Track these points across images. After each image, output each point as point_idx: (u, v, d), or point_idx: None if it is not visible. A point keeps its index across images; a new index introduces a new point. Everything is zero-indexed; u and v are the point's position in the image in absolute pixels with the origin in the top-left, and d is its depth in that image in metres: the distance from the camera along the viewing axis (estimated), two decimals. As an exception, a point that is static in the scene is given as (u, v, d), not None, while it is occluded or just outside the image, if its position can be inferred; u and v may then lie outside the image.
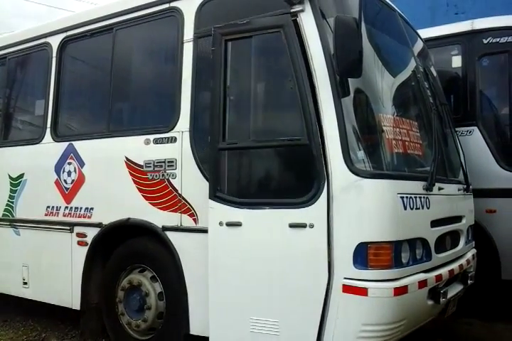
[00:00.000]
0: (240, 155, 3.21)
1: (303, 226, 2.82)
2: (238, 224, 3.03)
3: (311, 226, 2.80)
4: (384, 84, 3.30)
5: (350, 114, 2.89)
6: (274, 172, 3.11)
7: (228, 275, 3.07)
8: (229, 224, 3.05)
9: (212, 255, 3.12)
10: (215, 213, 3.12)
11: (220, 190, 3.12)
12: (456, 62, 4.95)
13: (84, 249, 3.94)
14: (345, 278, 2.73)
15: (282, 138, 3.00)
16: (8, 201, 4.56)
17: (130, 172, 3.70)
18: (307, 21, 2.96)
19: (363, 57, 2.77)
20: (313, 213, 2.80)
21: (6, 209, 4.58)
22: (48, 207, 4.22)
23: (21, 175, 4.47)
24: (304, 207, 2.83)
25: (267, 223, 2.96)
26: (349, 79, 2.87)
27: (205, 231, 3.25)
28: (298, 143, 2.92)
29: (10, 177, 4.56)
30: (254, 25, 3.09)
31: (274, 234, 2.92)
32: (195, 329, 3.31)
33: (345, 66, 2.78)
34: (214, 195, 3.12)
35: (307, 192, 2.84)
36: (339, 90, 2.85)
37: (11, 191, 4.54)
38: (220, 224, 3.08)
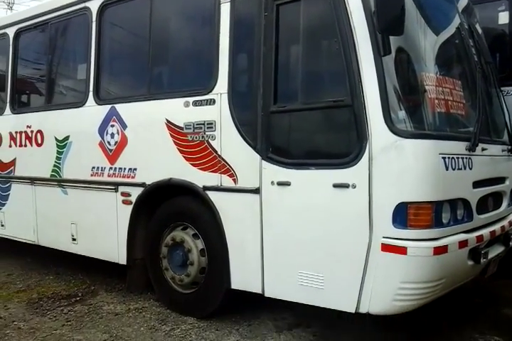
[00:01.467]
0: (289, 117, 3.25)
1: (346, 186, 2.88)
2: (287, 184, 3.12)
3: (354, 186, 2.85)
4: (426, 42, 3.21)
5: (391, 73, 2.85)
6: (320, 134, 3.14)
7: (279, 232, 3.20)
8: (279, 184, 3.16)
9: (265, 212, 3.25)
10: (267, 173, 3.22)
11: (272, 151, 3.20)
12: (503, 18, 4.71)
13: (129, 208, 4.11)
14: (384, 237, 2.79)
15: (327, 99, 3.02)
16: (56, 162, 4.74)
17: (171, 134, 3.79)
18: None
19: (405, 13, 2.71)
20: (356, 173, 2.84)
21: (53, 170, 4.77)
22: (93, 167, 4.38)
23: (67, 138, 4.64)
24: (346, 168, 2.88)
25: (312, 183, 3.04)
26: (390, 37, 2.81)
27: (244, 190, 3.37)
28: (341, 104, 2.93)
29: (56, 139, 4.73)
30: None
31: (320, 194, 3.00)
32: (235, 284, 3.46)
33: (386, 23, 2.72)
34: (266, 156, 3.22)
35: (350, 153, 2.88)
36: (380, 48, 2.80)
37: (58, 153, 4.72)
38: (272, 183, 3.19)
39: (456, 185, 2.98)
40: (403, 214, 2.75)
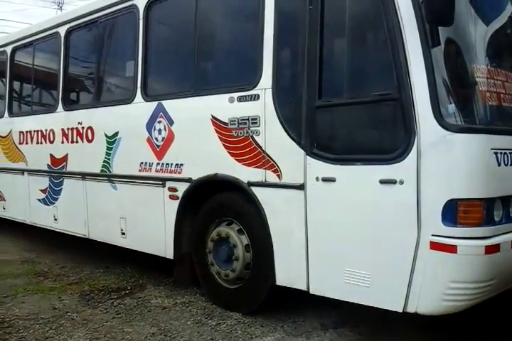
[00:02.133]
0: (335, 112, 3.20)
1: (393, 182, 2.81)
2: (332, 180, 3.09)
3: (401, 182, 2.78)
4: (477, 33, 3.08)
5: (440, 65, 2.76)
6: (367, 128, 3.07)
7: (325, 228, 3.17)
8: (324, 180, 3.13)
9: (309, 209, 3.22)
10: (311, 169, 3.20)
11: (316, 146, 3.17)
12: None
13: (176, 203, 4.17)
14: (433, 235, 2.71)
15: (374, 93, 2.95)
16: (105, 158, 4.88)
17: (216, 130, 3.81)
18: None
19: (454, 3, 2.60)
20: (403, 169, 2.77)
21: (103, 166, 4.91)
22: (142, 163, 4.48)
23: (116, 134, 4.76)
24: (394, 163, 2.81)
25: (358, 179, 2.99)
26: (439, 27, 2.71)
27: (288, 186, 3.35)
28: (388, 98, 2.87)
29: (106, 135, 4.87)
30: None
31: (366, 190, 2.95)
32: (280, 280, 3.46)
33: (435, 13, 2.63)
34: (311, 152, 3.19)
35: (397, 148, 2.81)
36: (428, 40, 2.72)
37: (107, 148, 4.86)
38: (317, 179, 3.16)
39: (510, 181, 2.85)
40: (453, 212, 2.66)
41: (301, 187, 3.26)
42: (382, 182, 2.85)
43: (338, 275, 3.10)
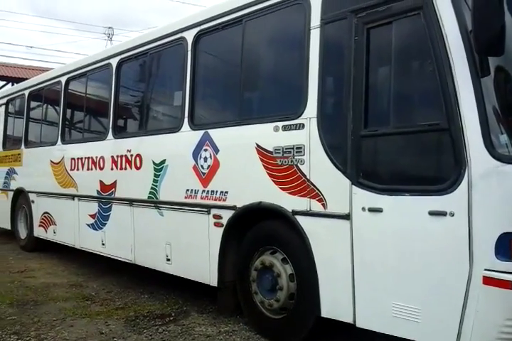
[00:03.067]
0: (381, 141, 3.18)
1: (443, 214, 2.74)
2: (379, 210, 3.04)
3: (452, 214, 2.71)
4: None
5: (490, 95, 2.70)
6: (415, 159, 3.03)
7: (371, 260, 3.12)
8: (371, 210, 3.09)
9: (355, 239, 3.18)
10: (357, 199, 3.17)
11: (362, 176, 3.15)
12: None
13: (220, 230, 4.21)
14: (486, 270, 2.60)
15: (422, 123, 2.91)
16: (153, 184, 5.00)
17: (260, 158, 3.85)
18: None
19: (505, 33, 2.56)
20: (454, 201, 2.71)
21: (150, 192, 5.03)
22: (187, 190, 4.56)
23: (163, 161, 4.88)
24: (443, 195, 2.75)
25: (407, 210, 2.93)
26: (489, 57, 2.67)
27: (333, 216, 3.32)
28: (437, 128, 2.83)
29: (154, 163, 4.99)
30: (395, 10, 3.03)
31: (415, 221, 2.89)
32: (325, 312, 3.40)
33: (485, 43, 2.59)
34: (357, 181, 3.17)
35: (447, 179, 2.75)
36: (478, 70, 2.68)
37: (155, 175, 4.97)
38: (363, 209, 3.13)
39: None
40: (506, 246, 2.56)
41: (346, 217, 3.23)
42: (431, 213, 2.79)
43: (386, 309, 3.02)
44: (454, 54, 2.75)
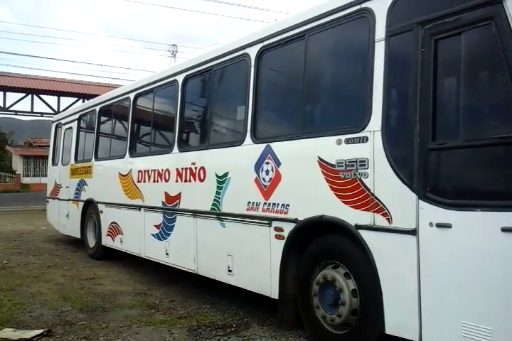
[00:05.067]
0: (450, 155, 3.11)
1: None
2: (448, 226, 2.96)
3: None
4: None
5: None
6: (486, 173, 2.94)
7: (439, 277, 3.03)
8: (439, 225, 3.01)
9: (422, 255, 3.11)
10: (424, 214, 3.10)
11: (430, 190, 3.08)
12: None
13: (282, 243, 4.23)
14: None
15: (493, 136, 2.82)
16: (215, 196, 5.11)
17: (323, 172, 3.85)
18: None
19: None
20: None
21: (213, 204, 5.14)
22: (249, 202, 4.62)
23: (226, 174, 4.98)
24: None
25: (478, 226, 2.84)
26: None
27: (399, 231, 3.26)
28: (509, 141, 2.73)
29: (217, 175, 5.11)
30: (464, 21, 2.98)
31: (486, 238, 2.79)
32: (390, 328, 3.32)
33: None
34: (424, 196, 3.10)
35: None
36: None
37: (218, 188, 5.08)
38: (430, 225, 3.05)
39: None
40: None
41: (413, 232, 3.16)
42: (504, 230, 2.68)
43: (454, 328, 2.91)
44: (528, 64, 2.66)
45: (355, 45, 3.97)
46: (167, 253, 6.08)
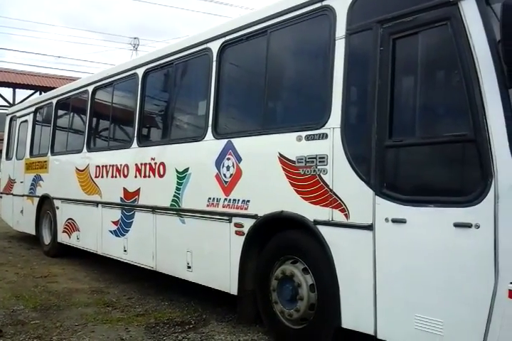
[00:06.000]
0: (405, 152, 3.17)
1: (468, 226, 2.71)
2: (403, 221, 3.02)
3: (477, 226, 2.68)
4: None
5: (518, 106, 2.67)
6: (440, 170, 3.01)
7: (394, 271, 3.09)
8: (394, 221, 3.07)
9: (378, 250, 3.17)
10: (381, 209, 3.15)
11: (386, 186, 3.14)
12: None
13: (241, 239, 4.22)
14: (511, 283, 2.55)
15: (448, 134, 2.90)
16: (175, 192, 5.04)
17: (283, 168, 3.86)
18: (469, 9, 2.81)
19: None
20: (479, 213, 2.67)
21: (173, 200, 5.08)
22: (210, 198, 4.59)
23: (186, 169, 4.93)
24: (469, 206, 2.72)
25: (431, 221, 2.91)
26: (517, 68, 2.65)
27: (356, 226, 3.31)
28: (464, 139, 2.81)
29: (177, 171, 5.05)
30: (422, 21, 3.04)
31: (439, 233, 2.86)
32: (346, 322, 3.37)
33: None
34: (380, 192, 3.15)
35: (473, 191, 2.73)
36: (506, 81, 2.66)
37: (178, 184, 5.02)
38: (386, 220, 3.11)
39: None
40: (534, 259, 2.52)
41: (369, 227, 3.21)
42: (456, 225, 2.76)
43: (408, 321, 2.98)
44: (482, 65, 2.74)
45: (316, 43, 3.99)
46: (125, 250, 5.97)
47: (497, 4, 2.69)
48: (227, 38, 4.62)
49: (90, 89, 7.16)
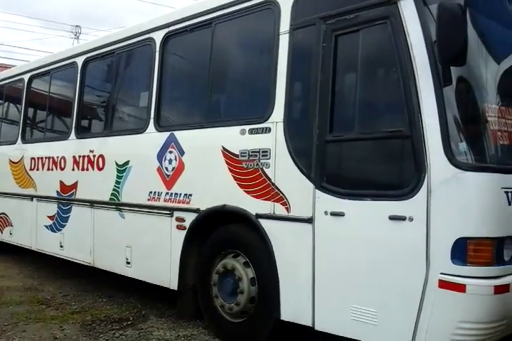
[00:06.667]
0: (345, 146, 3.23)
1: (402, 218, 2.80)
2: (341, 214, 3.08)
3: (411, 219, 2.77)
4: (488, 72, 3.13)
5: (451, 104, 2.79)
6: (377, 164, 3.09)
7: (332, 263, 3.14)
8: (333, 214, 3.12)
9: (317, 243, 3.21)
10: (320, 203, 3.20)
11: (326, 180, 3.18)
12: None
13: (183, 233, 4.16)
14: (441, 274, 2.67)
15: (385, 129, 2.98)
16: (115, 186, 4.91)
17: (226, 161, 3.84)
18: (408, 9, 2.89)
19: (467, 45, 2.67)
20: (413, 206, 2.77)
21: (112, 194, 4.94)
22: (151, 192, 4.50)
23: (127, 162, 4.80)
24: (404, 200, 2.81)
25: (368, 214, 2.98)
26: (451, 67, 2.76)
27: (296, 219, 3.35)
28: (400, 135, 2.89)
29: (117, 164, 4.91)
30: (363, 19, 3.10)
31: (375, 226, 2.94)
32: (285, 315, 3.40)
33: (448, 55, 2.68)
34: (320, 185, 3.19)
35: (407, 185, 2.82)
36: (440, 79, 2.76)
37: (117, 177, 4.89)
38: (325, 213, 3.16)
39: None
40: (462, 250, 2.64)
41: (309, 220, 3.25)
42: (391, 218, 2.85)
43: (344, 312, 3.05)
44: (418, 63, 2.83)
45: (261, 37, 3.99)
46: (61, 246, 5.75)
47: (434, 5, 2.77)
48: (171, 28, 4.53)
49: (26, 77, 6.83)
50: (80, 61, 5.70)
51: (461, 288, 2.62)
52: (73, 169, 5.57)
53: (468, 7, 2.73)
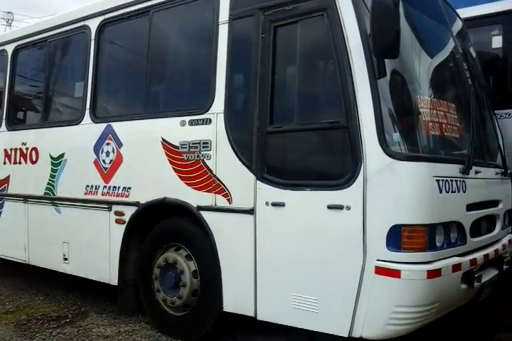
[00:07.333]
0: (285, 138, 3.25)
1: (340, 207, 2.86)
2: (282, 205, 3.10)
3: (348, 208, 2.84)
4: (421, 65, 3.26)
5: (386, 96, 2.87)
6: (316, 155, 3.14)
7: (273, 254, 3.16)
8: (274, 204, 3.14)
9: (259, 233, 3.22)
10: (261, 193, 3.21)
11: (267, 171, 3.20)
12: (497, 42, 4.80)
13: (122, 227, 4.06)
14: (377, 260, 2.76)
15: (323, 120, 3.03)
16: (50, 180, 4.72)
17: (166, 153, 3.78)
18: (344, 1, 2.94)
19: (400, 37, 2.74)
20: (350, 195, 2.83)
21: (47, 188, 4.74)
22: (88, 186, 4.36)
23: (62, 155, 4.62)
24: (341, 189, 2.87)
25: (307, 204, 3.02)
26: (385, 60, 2.84)
27: (238, 211, 3.35)
28: (337, 126, 2.95)
29: (51, 156, 4.72)
30: (301, 10, 3.12)
31: (314, 215, 2.99)
32: (227, 306, 3.40)
33: (382, 47, 2.75)
34: (261, 176, 3.21)
35: (344, 174, 2.88)
36: (375, 71, 2.83)
37: (52, 170, 4.70)
38: (266, 204, 3.17)
39: (450, 207, 2.96)
40: (397, 237, 2.73)
41: (250, 211, 3.26)
42: (330, 207, 2.91)
43: (286, 301, 3.08)
44: (354, 55, 2.88)
45: (200, 26, 3.93)
46: (-7, 243, 5.47)
47: (369, -2, 2.83)
48: (107, 16, 4.38)
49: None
50: (9, 49, 5.42)
51: (396, 273, 2.71)
52: (4, 163, 5.31)
53: (401, 0, 2.79)
